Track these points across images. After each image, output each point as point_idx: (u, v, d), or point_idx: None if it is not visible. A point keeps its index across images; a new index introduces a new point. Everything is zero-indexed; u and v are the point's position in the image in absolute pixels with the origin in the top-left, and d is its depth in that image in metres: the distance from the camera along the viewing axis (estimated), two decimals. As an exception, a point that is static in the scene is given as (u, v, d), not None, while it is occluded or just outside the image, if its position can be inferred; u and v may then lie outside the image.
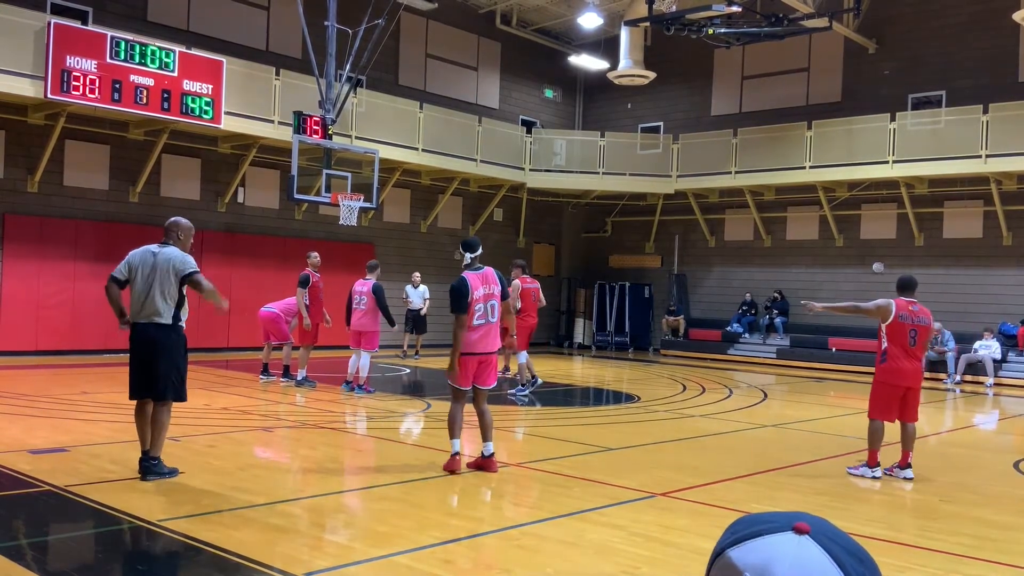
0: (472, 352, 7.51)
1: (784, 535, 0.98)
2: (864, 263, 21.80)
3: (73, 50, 15.17)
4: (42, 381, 13.28)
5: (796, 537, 0.98)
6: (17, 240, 16.51)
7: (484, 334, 7.53)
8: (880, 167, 20.24)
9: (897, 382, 8.04)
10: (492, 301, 7.57)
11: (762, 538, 0.99)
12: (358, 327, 12.77)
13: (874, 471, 7.95)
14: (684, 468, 8.21)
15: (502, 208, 24.97)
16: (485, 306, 7.51)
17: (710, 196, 24.25)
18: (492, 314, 7.57)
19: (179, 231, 7.24)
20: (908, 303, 8.17)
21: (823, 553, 0.96)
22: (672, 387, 15.92)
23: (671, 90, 25.46)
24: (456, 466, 7.49)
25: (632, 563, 5.11)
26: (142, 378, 6.91)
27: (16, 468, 6.97)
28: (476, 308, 7.46)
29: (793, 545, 0.97)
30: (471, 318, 7.42)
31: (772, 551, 0.97)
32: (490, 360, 7.65)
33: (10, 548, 5.11)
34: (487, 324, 7.53)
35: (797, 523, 0.99)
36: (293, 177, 15.60)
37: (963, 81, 20.72)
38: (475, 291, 7.46)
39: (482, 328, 7.51)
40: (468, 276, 7.52)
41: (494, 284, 7.62)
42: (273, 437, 9.05)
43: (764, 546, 0.98)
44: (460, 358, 7.47)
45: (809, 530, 0.98)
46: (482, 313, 7.49)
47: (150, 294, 6.86)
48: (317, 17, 17.13)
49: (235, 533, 5.40)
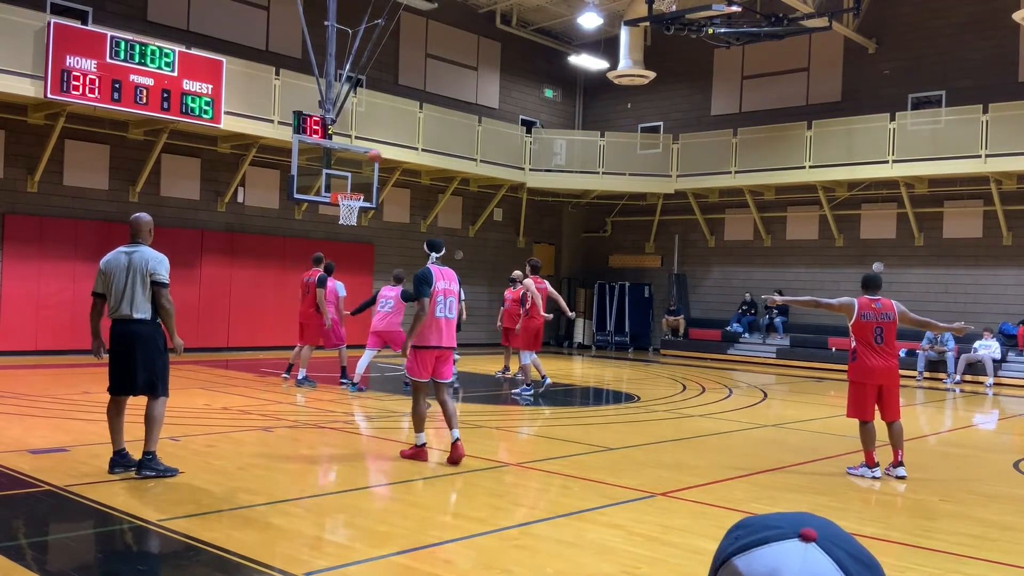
0: (429, 346, 7.91)
1: (790, 543, 0.97)
2: (864, 263, 21.78)
3: (73, 50, 15.17)
4: (42, 381, 13.28)
5: (803, 545, 0.97)
6: (17, 240, 16.51)
7: (441, 329, 7.94)
8: (880, 167, 20.25)
9: (867, 380, 8.10)
10: (451, 298, 8.04)
11: (768, 546, 0.98)
12: (384, 327, 12.88)
13: (873, 471, 7.96)
14: (684, 468, 8.21)
15: (502, 208, 24.98)
16: (444, 300, 7.97)
17: (710, 196, 24.25)
18: (450, 310, 8.02)
19: (149, 228, 7.27)
20: (871, 301, 8.29)
21: (830, 561, 0.95)
22: (672, 387, 15.92)
23: (671, 90, 25.46)
24: (422, 457, 7.88)
25: (632, 563, 5.11)
26: (124, 374, 6.92)
27: (16, 468, 6.97)
28: (437, 300, 7.91)
29: (800, 554, 0.96)
30: (433, 307, 7.87)
31: (778, 561, 0.96)
32: (447, 355, 8.06)
33: (10, 548, 5.11)
34: (445, 319, 7.97)
35: (803, 529, 0.98)
36: (293, 177, 15.59)
37: (963, 81, 20.72)
38: (437, 282, 7.93)
39: (440, 322, 7.93)
40: (432, 268, 8.05)
41: (453, 283, 8.12)
42: (273, 437, 9.05)
43: (770, 555, 0.97)
44: (419, 352, 7.90)
45: (816, 536, 0.97)
46: (441, 307, 7.95)
47: (126, 292, 6.89)
48: (317, 17, 17.13)
49: (235, 533, 5.40)
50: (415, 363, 7.93)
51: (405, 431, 10.37)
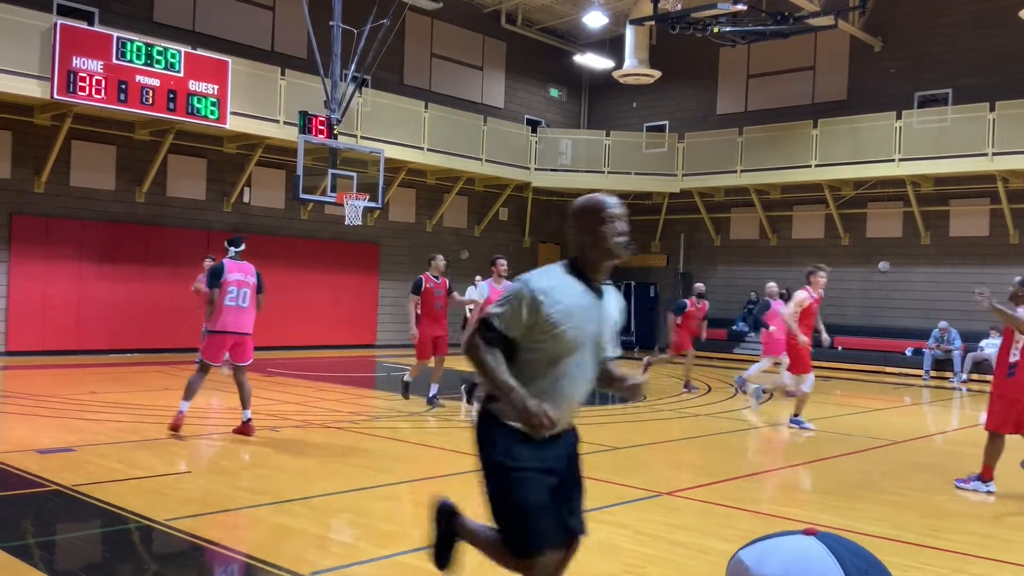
0: (225, 331, 8.72)
1: (793, 536, 1.04)
2: (870, 262, 21.77)
3: (79, 51, 15.21)
4: (49, 381, 13.31)
5: (804, 536, 1.03)
6: (24, 240, 16.56)
7: (236, 316, 8.73)
8: (886, 165, 20.20)
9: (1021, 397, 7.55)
10: (244, 288, 8.77)
11: (772, 538, 1.05)
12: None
13: (988, 485, 7.58)
14: (690, 467, 8.20)
15: (507, 207, 24.97)
16: (239, 291, 8.72)
17: (715, 195, 24.21)
18: (244, 299, 8.76)
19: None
20: None
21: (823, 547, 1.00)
22: (677, 386, 15.91)
23: (676, 89, 25.43)
24: (179, 423, 8.56)
25: (638, 562, 5.10)
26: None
27: (24, 468, 7.00)
28: (229, 290, 8.67)
29: (797, 540, 1.02)
30: (223, 296, 8.66)
31: (778, 547, 1.03)
32: (244, 340, 8.81)
33: (18, 547, 5.12)
34: (238, 307, 8.73)
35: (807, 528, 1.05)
36: (299, 177, 15.62)
37: (969, 79, 20.66)
38: (230, 274, 8.73)
39: (233, 310, 8.71)
40: (226, 262, 8.85)
41: (250, 275, 8.88)
42: (279, 437, 9.07)
43: (771, 544, 1.04)
44: (215, 336, 8.74)
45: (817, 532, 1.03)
46: (234, 296, 8.71)
47: None
48: (322, 17, 17.16)
49: (241, 533, 5.41)
50: (210, 347, 8.79)
51: (410, 430, 10.39)
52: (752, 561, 1.01)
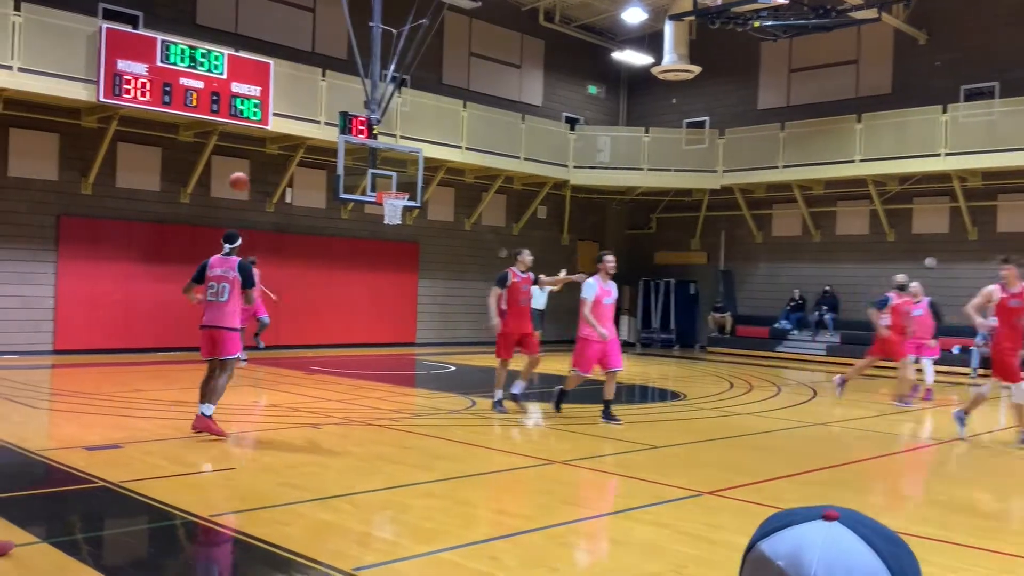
0: (202, 325, 8.73)
1: (814, 523, 1.01)
2: (916, 258, 21.40)
3: (125, 54, 15.48)
4: (96, 379, 13.56)
5: (826, 524, 1.00)
6: (72, 241, 16.89)
7: (212, 311, 8.68)
8: (932, 160, 19.85)
9: None
10: (224, 283, 8.71)
11: (792, 528, 1.01)
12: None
13: None
14: (731, 467, 8.13)
15: (546, 205, 24.95)
16: (217, 286, 8.70)
17: (757, 191, 23.98)
18: (222, 294, 8.71)
19: None
20: None
21: (854, 535, 0.98)
22: (719, 385, 15.78)
23: (717, 84, 25.21)
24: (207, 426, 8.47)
25: (679, 562, 5.08)
26: None
27: (72, 464, 7.14)
28: (209, 285, 8.71)
29: (823, 530, 0.99)
30: (204, 292, 8.72)
31: (802, 539, 0.99)
32: (220, 334, 8.72)
33: (66, 543, 5.23)
34: (216, 302, 8.70)
35: (827, 511, 1.01)
36: (339, 177, 15.75)
37: (1017, 71, 20.23)
38: (211, 270, 8.76)
39: (211, 305, 8.69)
40: (212, 258, 8.91)
41: (231, 271, 8.79)
42: (321, 434, 9.15)
43: (794, 534, 1.00)
44: (200, 332, 8.74)
45: (838, 516, 1.00)
46: (214, 291, 8.70)
47: None
48: (362, 18, 17.28)
49: (284, 529, 5.47)
50: (201, 343, 8.83)
51: (450, 428, 10.42)
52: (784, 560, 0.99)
